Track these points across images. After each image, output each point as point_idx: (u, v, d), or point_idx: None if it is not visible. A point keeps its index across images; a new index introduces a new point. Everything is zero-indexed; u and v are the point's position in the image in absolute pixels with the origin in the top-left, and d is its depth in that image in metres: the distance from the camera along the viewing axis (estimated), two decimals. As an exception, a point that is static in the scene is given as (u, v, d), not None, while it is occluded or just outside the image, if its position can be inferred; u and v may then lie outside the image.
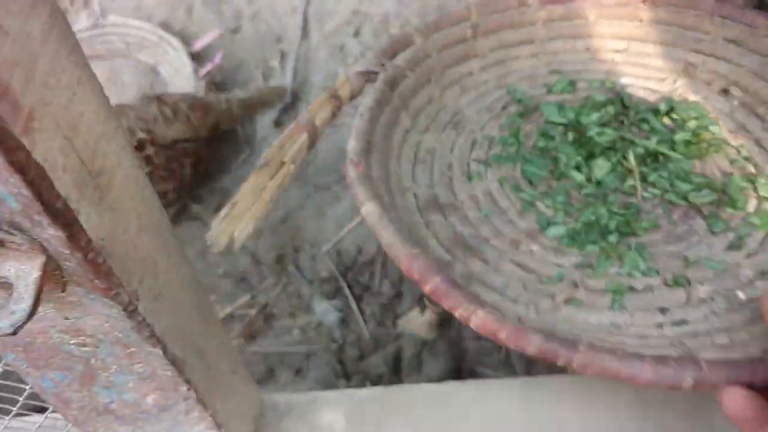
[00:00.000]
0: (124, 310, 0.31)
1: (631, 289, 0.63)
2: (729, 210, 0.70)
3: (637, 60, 0.89)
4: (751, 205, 0.70)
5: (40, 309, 0.32)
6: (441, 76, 0.87)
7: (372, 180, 0.68)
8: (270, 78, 1.44)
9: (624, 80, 0.87)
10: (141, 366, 0.37)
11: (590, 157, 0.78)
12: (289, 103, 1.34)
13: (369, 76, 0.82)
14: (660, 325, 0.60)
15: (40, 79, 0.22)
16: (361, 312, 1.08)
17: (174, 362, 0.36)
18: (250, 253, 1.18)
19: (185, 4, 1.58)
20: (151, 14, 1.59)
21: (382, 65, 0.82)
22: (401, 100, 0.81)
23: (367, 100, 0.77)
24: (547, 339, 0.51)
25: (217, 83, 1.44)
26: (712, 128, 0.78)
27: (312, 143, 0.80)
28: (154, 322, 0.33)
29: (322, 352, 1.05)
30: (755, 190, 0.71)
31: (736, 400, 0.42)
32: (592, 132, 0.80)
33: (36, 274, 0.26)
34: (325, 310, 1.10)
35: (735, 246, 0.67)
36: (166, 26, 1.55)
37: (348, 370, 1.02)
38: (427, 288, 0.57)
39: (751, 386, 0.43)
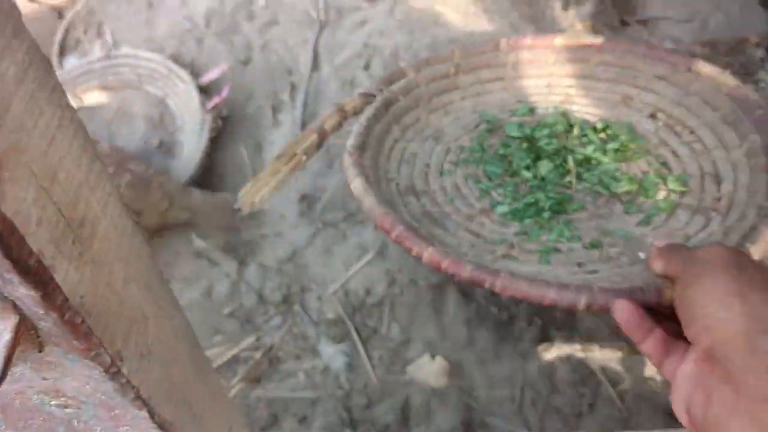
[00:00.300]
0: (106, 371, 0.28)
1: (556, 250, 0.80)
2: (642, 198, 0.88)
3: (586, 93, 1.10)
4: (661, 194, 0.89)
5: (16, 369, 0.29)
6: (428, 102, 1.08)
7: (362, 166, 0.88)
8: (279, 111, 1.43)
9: (574, 107, 1.08)
10: (127, 429, 0.34)
11: (537, 159, 0.97)
12: (299, 137, 1.33)
13: (369, 98, 1.04)
14: (574, 273, 0.75)
15: (12, 123, 0.20)
16: (369, 357, 1.05)
17: (162, 425, 0.33)
18: (257, 292, 1.15)
19: (196, 36, 1.58)
20: (162, 45, 1.59)
21: (381, 90, 1.04)
22: (394, 117, 1.03)
23: (366, 114, 0.99)
24: (477, 268, 0.68)
25: (224, 117, 1.43)
26: (637, 141, 0.98)
27: (320, 143, 1.01)
28: (141, 384, 0.30)
29: (328, 398, 1.01)
30: (665, 184, 0.89)
31: (622, 310, 0.55)
32: (542, 142, 1.00)
33: (7, 336, 0.24)
34: (332, 354, 1.06)
35: (644, 223, 0.84)
36: (176, 58, 1.55)
37: (354, 418, 0.98)
38: (393, 234, 0.75)
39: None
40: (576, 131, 1.02)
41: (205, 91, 1.47)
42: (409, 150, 1.02)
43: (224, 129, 1.42)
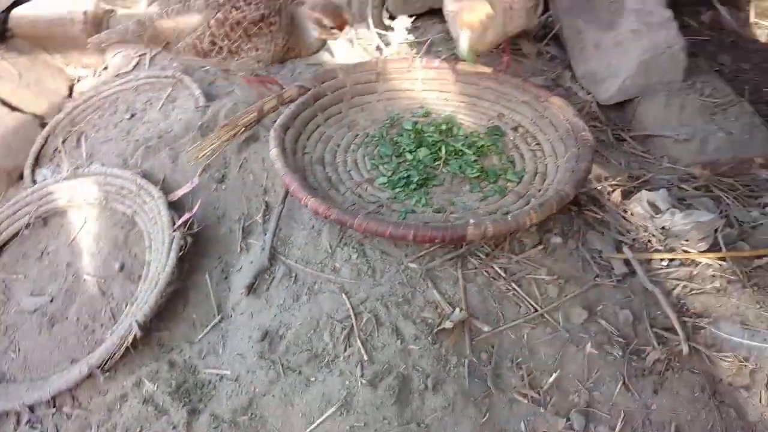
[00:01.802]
0: None
1: (413, 211, 1.23)
2: (485, 182, 1.30)
3: (473, 107, 1.51)
4: (500, 182, 1.30)
5: None
6: (350, 99, 1.50)
7: (282, 140, 1.31)
8: (250, 235, 1.33)
9: (460, 116, 1.49)
10: None
11: (419, 146, 1.38)
12: (267, 266, 1.22)
13: (304, 89, 1.43)
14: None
15: None
16: None
17: None
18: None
19: (172, 152, 1.51)
20: (137, 159, 1.52)
21: (314, 86, 1.45)
22: (320, 107, 1.45)
23: (297, 102, 1.41)
24: (341, 212, 1.12)
25: (194, 234, 1.33)
26: (497, 144, 1.39)
27: (259, 120, 1.41)
28: None
29: None
30: (505, 175, 1.31)
31: None
32: (426, 135, 1.40)
33: None
34: None
35: (482, 199, 1.26)
36: (149, 173, 1.48)
37: None
38: (291, 188, 1.19)
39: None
40: (455, 131, 1.43)
41: (176, 207, 1.39)
42: (327, 134, 1.42)
43: (193, 250, 1.33)
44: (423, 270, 1.16)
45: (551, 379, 1.03)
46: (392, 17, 2.03)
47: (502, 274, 1.15)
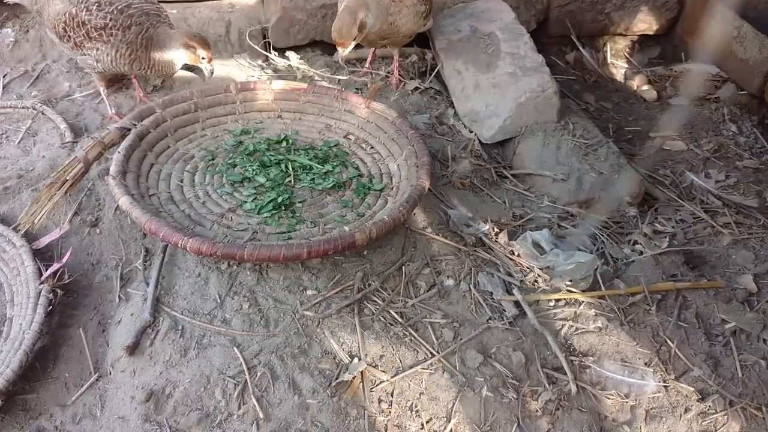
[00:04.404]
0: None
1: (296, 230, 1.26)
2: (341, 191, 1.39)
3: (299, 122, 1.61)
4: (354, 187, 1.39)
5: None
6: (174, 132, 1.49)
7: (126, 186, 1.25)
8: (129, 282, 1.24)
9: (291, 132, 1.57)
10: None
11: (267, 167, 1.43)
12: (150, 321, 1.14)
13: (125, 131, 1.40)
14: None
15: None
16: None
17: None
18: None
19: (35, 194, 1.37)
20: (-8, 203, 1.38)
21: (135, 125, 1.42)
22: (148, 145, 1.42)
23: (123, 144, 1.36)
24: (228, 246, 1.11)
25: (64, 284, 1.22)
26: (339, 154, 1.49)
27: (86, 170, 1.35)
28: None
29: None
30: (357, 180, 1.40)
31: None
32: (267, 154, 1.46)
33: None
34: None
35: (345, 206, 1.34)
36: (8, 219, 1.34)
37: None
38: (161, 235, 1.12)
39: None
40: (292, 146, 1.50)
41: (43, 256, 1.27)
42: (165, 171, 1.40)
43: (64, 301, 1.21)
44: (319, 318, 1.13)
45: (450, 426, 1.03)
46: (275, 48, 2.00)
47: (399, 319, 1.15)
